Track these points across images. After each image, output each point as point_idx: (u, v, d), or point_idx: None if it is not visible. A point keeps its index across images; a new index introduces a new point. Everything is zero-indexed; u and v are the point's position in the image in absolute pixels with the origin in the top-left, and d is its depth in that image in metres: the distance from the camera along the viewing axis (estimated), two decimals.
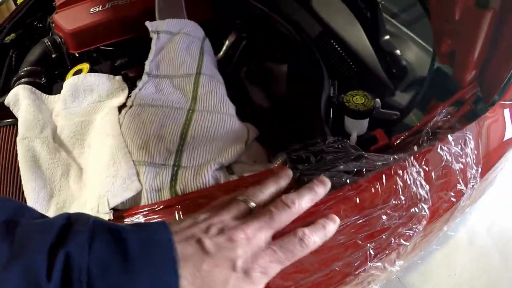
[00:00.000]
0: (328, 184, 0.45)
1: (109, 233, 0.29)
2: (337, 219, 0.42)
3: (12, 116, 0.71)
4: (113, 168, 0.54)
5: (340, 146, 0.55)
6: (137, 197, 0.51)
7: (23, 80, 0.78)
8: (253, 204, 0.38)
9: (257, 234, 0.33)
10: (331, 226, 0.41)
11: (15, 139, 0.66)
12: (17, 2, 1.88)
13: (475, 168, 0.61)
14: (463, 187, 0.59)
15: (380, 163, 0.53)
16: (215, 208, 0.38)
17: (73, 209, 0.57)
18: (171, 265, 0.28)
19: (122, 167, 0.53)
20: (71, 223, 0.29)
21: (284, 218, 0.37)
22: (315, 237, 0.38)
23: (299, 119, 0.64)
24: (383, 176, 0.52)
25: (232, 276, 0.30)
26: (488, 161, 0.66)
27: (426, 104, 0.70)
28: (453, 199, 0.59)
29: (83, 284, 0.26)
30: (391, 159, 0.54)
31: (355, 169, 0.52)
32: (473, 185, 0.61)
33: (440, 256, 0.61)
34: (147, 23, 0.68)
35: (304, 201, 0.40)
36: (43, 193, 0.60)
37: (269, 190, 0.42)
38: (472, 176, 0.61)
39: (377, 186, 0.52)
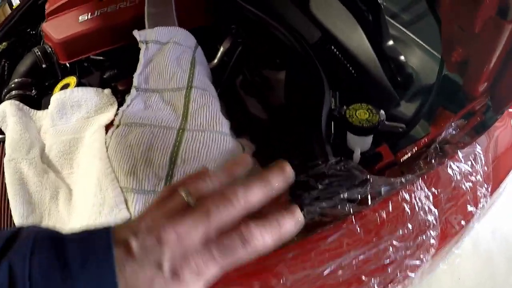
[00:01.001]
0: (288, 172, 0.34)
1: (51, 242, 0.27)
2: (299, 214, 0.33)
3: (1, 132, 0.65)
4: (100, 195, 0.48)
5: (343, 167, 0.48)
6: None
7: (13, 92, 0.72)
8: (191, 201, 0.31)
9: (191, 233, 0.28)
10: (289, 223, 0.31)
11: (2, 157, 0.60)
12: (13, 7, 1.80)
13: (485, 185, 0.54)
14: (473, 208, 0.52)
15: (386, 188, 0.46)
16: (155, 202, 0.33)
17: None
18: (108, 273, 0.26)
19: (108, 194, 0.47)
20: (17, 236, 0.28)
21: (224, 215, 0.29)
22: (266, 237, 0.30)
23: (298, 134, 0.57)
24: (390, 203, 0.46)
25: (158, 277, 0.27)
26: (498, 176, 0.59)
27: (432, 113, 0.62)
28: (463, 222, 0.52)
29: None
30: (398, 183, 0.47)
31: (359, 196, 0.45)
32: (483, 205, 0.54)
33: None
34: (135, 33, 0.61)
35: (252, 195, 0.31)
36: (31, 219, 0.54)
37: (217, 180, 0.33)
38: (482, 194, 0.54)
39: (383, 215, 0.45)
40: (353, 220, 0.44)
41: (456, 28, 0.47)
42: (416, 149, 0.54)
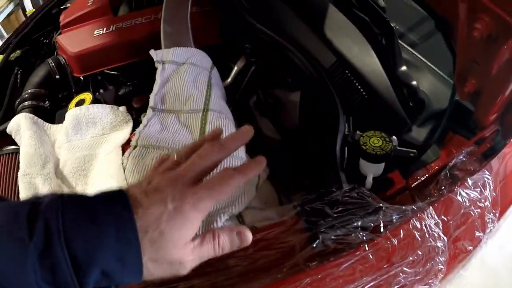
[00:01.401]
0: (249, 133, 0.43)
1: (76, 200, 0.33)
2: (263, 160, 0.43)
3: (14, 142, 0.65)
4: None
5: (356, 195, 0.48)
6: None
7: (26, 103, 0.72)
8: (180, 157, 0.40)
9: (184, 178, 0.36)
10: (256, 166, 0.41)
11: (17, 168, 0.60)
12: (26, 13, 1.79)
13: (493, 211, 0.55)
14: (481, 233, 0.53)
15: (398, 217, 0.47)
16: (152, 168, 0.41)
17: None
18: (128, 216, 0.32)
19: None
20: (39, 200, 0.33)
21: (206, 161, 0.39)
22: (238, 175, 0.39)
23: (312, 159, 0.57)
24: (401, 231, 0.46)
25: (164, 213, 0.34)
26: (506, 201, 0.60)
27: (443, 138, 0.63)
28: (470, 248, 0.53)
29: (62, 243, 0.30)
30: (410, 211, 0.48)
31: (372, 225, 0.45)
32: (490, 230, 0.55)
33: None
34: (152, 52, 0.60)
35: (232, 141, 0.42)
36: None
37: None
38: (490, 220, 0.55)
39: (394, 243, 0.46)
40: (366, 247, 0.45)
41: (471, 61, 0.47)
42: (427, 175, 0.54)
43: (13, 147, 0.64)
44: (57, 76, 0.75)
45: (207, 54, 0.65)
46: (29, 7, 1.89)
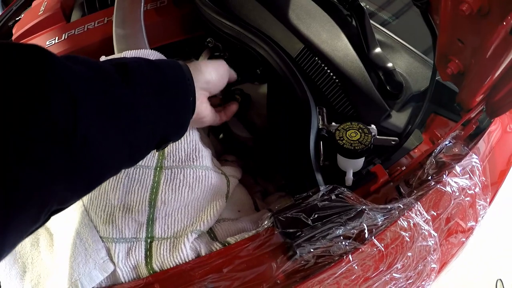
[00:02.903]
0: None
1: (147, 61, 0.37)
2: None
3: None
4: (81, 247, 0.41)
5: (335, 197, 0.40)
6: (113, 275, 0.40)
7: None
8: None
9: None
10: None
11: None
12: None
13: (484, 197, 0.47)
14: (473, 223, 0.46)
15: (383, 218, 0.39)
16: None
17: (48, 285, 0.44)
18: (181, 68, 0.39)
19: (90, 245, 0.41)
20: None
21: None
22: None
23: (284, 160, 0.49)
24: (388, 235, 0.38)
25: None
26: (496, 183, 0.52)
27: (424, 120, 0.55)
28: (463, 239, 0.46)
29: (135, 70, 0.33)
30: (396, 209, 0.40)
31: (355, 231, 0.37)
32: (483, 216, 0.47)
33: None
34: (102, 59, 0.50)
35: None
36: (15, 270, 0.47)
37: None
38: (482, 206, 0.47)
39: (381, 249, 0.38)
40: (350, 258, 0.37)
41: (454, 40, 0.38)
42: (411, 163, 0.47)
43: None
44: None
45: (169, 52, 0.56)
46: None
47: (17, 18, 0.82)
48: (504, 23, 0.28)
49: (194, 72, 0.40)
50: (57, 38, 0.61)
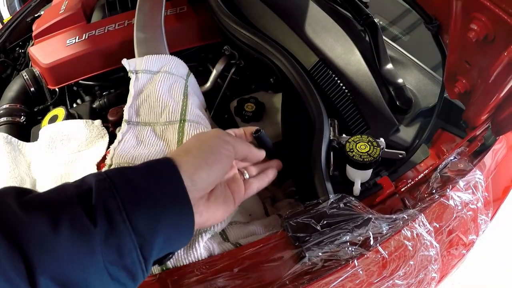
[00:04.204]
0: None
1: (122, 177, 0.32)
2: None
3: None
4: None
5: (344, 205, 0.44)
6: None
7: (1, 120, 0.66)
8: None
9: None
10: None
11: None
12: (3, 21, 1.69)
13: (486, 212, 0.51)
14: (474, 236, 0.49)
15: (388, 227, 0.42)
16: None
17: None
18: (174, 177, 0.34)
19: None
20: (83, 181, 0.32)
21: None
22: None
23: (296, 167, 0.52)
24: (392, 243, 0.42)
25: None
26: (499, 199, 0.56)
27: (431, 136, 0.58)
28: (464, 251, 0.49)
29: (125, 220, 0.29)
30: (400, 220, 0.43)
31: (361, 238, 0.41)
32: (484, 231, 0.51)
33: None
34: (124, 62, 0.55)
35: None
36: None
37: None
38: (483, 221, 0.51)
39: (385, 256, 0.41)
40: (356, 263, 0.41)
41: (462, 62, 0.42)
42: (417, 177, 0.50)
43: None
44: (32, 89, 0.70)
45: (185, 57, 0.59)
46: (6, 15, 1.80)
47: (36, 15, 0.86)
48: (506, 53, 0.31)
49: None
50: (77, 37, 0.65)
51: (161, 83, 0.53)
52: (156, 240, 0.31)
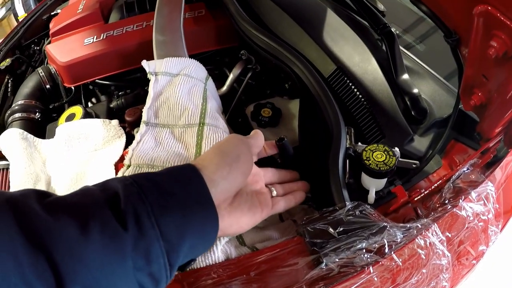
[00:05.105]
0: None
1: (149, 181, 0.33)
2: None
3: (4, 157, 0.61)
4: None
5: (359, 213, 0.46)
6: None
7: (17, 115, 0.68)
8: None
9: None
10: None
11: (7, 184, 0.57)
12: (18, 18, 1.71)
13: (496, 223, 0.53)
14: (484, 247, 0.51)
15: (402, 236, 0.44)
16: None
17: None
18: (199, 184, 0.35)
19: None
20: (106, 185, 0.32)
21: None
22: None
23: (313, 174, 0.54)
24: (406, 251, 0.44)
25: None
26: (509, 211, 0.58)
27: (444, 146, 0.60)
28: (474, 262, 0.51)
29: (154, 225, 0.30)
30: (414, 229, 0.45)
31: (377, 246, 0.43)
32: (493, 242, 0.53)
33: None
34: (144, 63, 0.56)
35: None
36: None
37: None
38: (493, 232, 0.52)
39: (399, 263, 0.43)
40: (371, 269, 0.42)
41: (479, 76, 0.44)
42: (430, 188, 0.52)
43: (3, 162, 0.61)
44: (48, 86, 0.71)
45: (201, 60, 0.61)
46: (21, 12, 1.82)
47: (52, 13, 0.88)
48: None
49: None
50: (95, 37, 0.66)
51: (180, 86, 0.55)
52: (183, 246, 0.32)
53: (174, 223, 0.31)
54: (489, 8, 0.36)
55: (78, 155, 0.57)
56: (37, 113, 0.69)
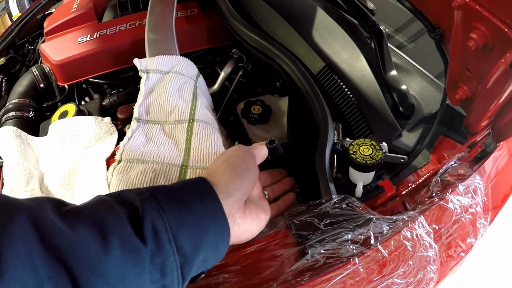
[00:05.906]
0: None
1: (166, 195, 0.34)
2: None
3: None
4: None
5: (346, 206, 0.47)
6: None
7: (10, 114, 0.69)
8: None
9: None
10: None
11: (1, 181, 0.58)
12: (13, 18, 1.74)
13: (485, 216, 0.54)
14: (472, 239, 0.52)
15: (388, 228, 0.45)
16: None
17: None
18: (214, 199, 0.36)
19: None
20: (122, 197, 0.33)
21: None
22: None
23: (300, 169, 0.55)
24: (392, 243, 0.45)
25: None
26: (498, 206, 0.59)
27: (433, 141, 0.61)
28: (462, 254, 0.52)
29: (171, 240, 0.31)
30: (400, 221, 0.46)
31: (362, 237, 0.44)
32: (482, 234, 0.54)
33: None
34: (135, 61, 0.58)
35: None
36: None
37: None
38: (482, 225, 0.54)
39: (385, 255, 0.44)
40: (356, 260, 0.43)
41: (463, 69, 0.45)
42: (418, 181, 0.53)
43: None
44: (42, 85, 0.73)
45: (193, 59, 0.63)
46: (15, 11, 1.85)
47: (46, 12, 0.90)
48: (503, 60, 0.35)
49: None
50: (89, 36, 0.68)
51: (171, 83, 0.56)
52: (197, 260, 0.33)
53: (189, 238, 0.32)
54: (468, 0, 0.37)
55: (71, 152, 0.58)
56: (31, 112, 0.70)
